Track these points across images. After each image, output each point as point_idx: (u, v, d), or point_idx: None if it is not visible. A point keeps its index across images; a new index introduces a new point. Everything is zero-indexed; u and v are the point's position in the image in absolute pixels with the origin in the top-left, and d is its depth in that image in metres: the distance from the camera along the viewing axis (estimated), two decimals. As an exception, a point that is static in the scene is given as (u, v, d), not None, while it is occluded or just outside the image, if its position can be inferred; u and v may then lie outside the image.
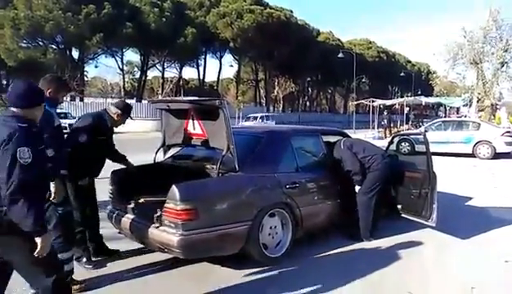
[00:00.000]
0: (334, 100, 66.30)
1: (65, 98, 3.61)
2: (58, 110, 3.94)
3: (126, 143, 4.34)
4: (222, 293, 3.37)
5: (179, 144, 4.68)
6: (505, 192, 7.95)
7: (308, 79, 54.26)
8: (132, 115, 4.19)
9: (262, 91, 53.59)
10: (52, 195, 3.07)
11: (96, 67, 42.20)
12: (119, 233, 4.26)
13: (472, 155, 13.90)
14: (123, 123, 4.12)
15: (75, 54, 36.86)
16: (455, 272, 3.88)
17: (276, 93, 54.13)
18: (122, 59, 42.78)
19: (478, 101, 23.41)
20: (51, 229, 3.12)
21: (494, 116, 22.25)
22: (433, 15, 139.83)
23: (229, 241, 3.68)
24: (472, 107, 23.57)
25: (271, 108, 53.15)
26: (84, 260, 3.78)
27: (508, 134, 14.23)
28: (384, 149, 5.55)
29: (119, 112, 3.98)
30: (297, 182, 4.24)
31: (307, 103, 61.05)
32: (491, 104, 23.04)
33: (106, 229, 4.29)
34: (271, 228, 4.02)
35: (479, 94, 23.32)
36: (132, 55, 46.88)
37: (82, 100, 36.63)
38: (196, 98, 4.32)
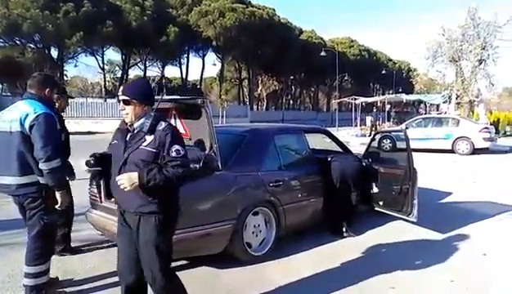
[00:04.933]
0: (317, 98, 66.61)
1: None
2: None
3: (106, 143, 4.26)
4: (206, 293, 3.36)
5: None
6: (483, 187, 8.14)
7: (291, 77, 54.37)
8: (111, 114, 4.16)
9: (245, 89, 53.53)
10: (59, 203, 3.03)
11: (75, 66, 41.45)
12: (101, 234, 4.20)
13: (452, 151, 14.18)
14: (67, 105, 4.23)
15: (54, 53, 36.09)
16: (434, 266, 3.94)
17: (259, 91, 54.16)
18: (102, 58, 42.12)
19: (457, 98, 23.88)
20: (32, 237, 3.08)
21: (472, 112, 22.75)
22: (414, 16, 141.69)
23: (212, 240, 3.67)
24: (451, 104, 24.04)
25: (255, 106, 53.16)
26: None
27: (486, 130, 14.58)
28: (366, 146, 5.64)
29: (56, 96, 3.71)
30: (280, 180, 4.26)
31: (291, 101, 61.24)
32: (470, 101, 23.54)
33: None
34: (254, 226, 4.03)
35: (458, 91, 23.79)
36: (113, 54, 46.22)
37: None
38: (178, 97, 4.28)
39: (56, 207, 3.04)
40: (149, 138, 2.36)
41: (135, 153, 2.36)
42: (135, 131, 2.43)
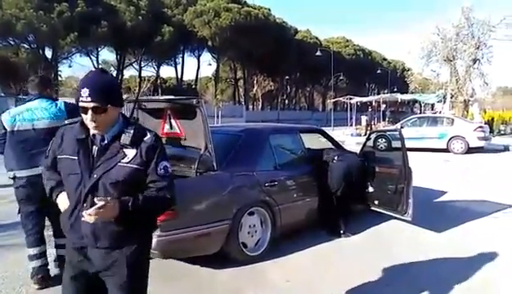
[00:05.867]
0: (312, 97, 66.71)
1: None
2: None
3: None
4: (202, 293, 3.35)
5: None
6: (477, 185, 8.18)
7: (287, 77, 54.41)
8: None
9: (241, 89, 53.51)
10: None
11: (70, 67, 41.16)
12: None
13: (446, 150, 14.25)
14: None
15: (48, 53, 35.89)
16: (429, 264, 3.96)
17: (255, 91, 54.16)
18: (97, 58, 41.89)
19: (451, 97, 23.99)
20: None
21: (467, 112, 22.86)
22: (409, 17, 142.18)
23: (208, 241, 3.66)
24: (446, 103, 24.14)
25: (251, 106, 53.15)
26: None
27: (480, 129, 14.67)
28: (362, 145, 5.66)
29: None
30: (276, 180, 4.26)
31: (286, 101, 61.26)
32: (464, 100, 23.66)
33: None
34: (250, 226, 4.03)
35: (453, 90, 23.90)
36: (107, 54, 45.94)
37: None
38: (173, 97, 4.27)
39: None
40: (130, 152, 1.77)
41: (112, 173, 1.75)
42: (104, 143, 1.79)
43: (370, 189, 5.14)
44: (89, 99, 1.70)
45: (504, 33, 22.81)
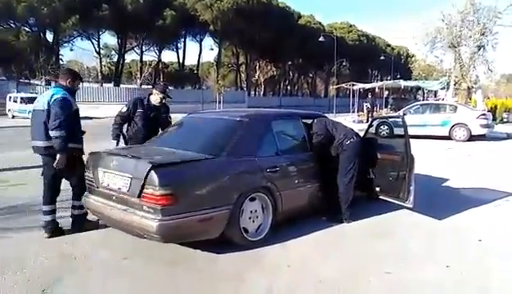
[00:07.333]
0: (315, 83, 66.30)
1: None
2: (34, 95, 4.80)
3: (105, 127, 4.42)
4: (203, 277, 3.37)
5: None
6: (480, 173, 8.16)
7: (289, 63, 54.01)
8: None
9: (243, 74, 53.20)
10: (55, 163, 3.90)
11: (71, 50, 40.97)
12: (97, 219, 4.22)
13: (449, 138, 14.20)
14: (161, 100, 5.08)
15: (50, 37, 35.72)
16: (430, 251, 3.97)
17: (257, 77, 53.86)
18: (98, 42, 41.68)
19: (455, 84, 23.82)
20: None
21: (470, 99, 22.73)
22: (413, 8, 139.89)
23: (209, 225, 3.66)
24: (449, 90, 23.98)
25: (253, 92, 52.91)
26: None
27: (483, 117, 14.58)
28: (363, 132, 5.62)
29: (156, 92, 5.09)
30: (277, 166, 4.24)
31: (289, 87, 60.98)
32: (468, 88, 23.50)
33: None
34: (251, 212, 4.02)
35: (456, 77, 23.72)
36: (109, 38, 45.75)
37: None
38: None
39: (54, 165, 3.93)
40: None
41: None
42: None
43: (371, 175, 5.13)
44: None
45: (510, 20, 22.53)
